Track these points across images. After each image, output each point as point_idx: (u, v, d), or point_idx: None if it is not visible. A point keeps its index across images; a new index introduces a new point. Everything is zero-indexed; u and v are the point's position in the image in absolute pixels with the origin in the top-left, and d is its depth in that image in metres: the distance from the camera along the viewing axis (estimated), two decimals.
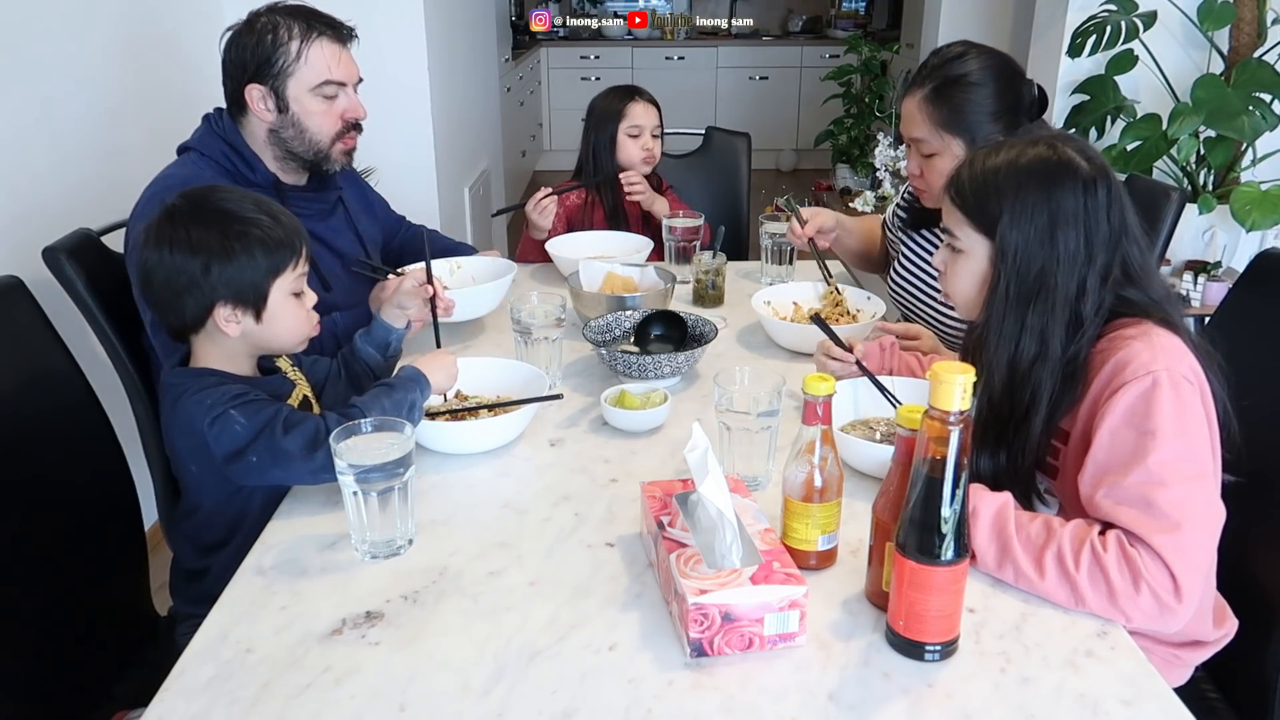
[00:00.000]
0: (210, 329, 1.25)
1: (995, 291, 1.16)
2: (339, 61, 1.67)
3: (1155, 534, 1.00)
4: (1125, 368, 1.07)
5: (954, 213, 1.20)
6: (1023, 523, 1.06)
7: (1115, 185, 1.14)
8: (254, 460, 1.18)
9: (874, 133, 5.01)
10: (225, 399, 1.20)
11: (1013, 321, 1.14)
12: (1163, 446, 1.02)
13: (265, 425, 1.19)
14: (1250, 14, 2.90)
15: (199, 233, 1.22)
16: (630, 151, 2.30)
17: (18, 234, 1.91)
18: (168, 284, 1.23)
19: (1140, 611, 0.99)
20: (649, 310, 1.67)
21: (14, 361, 1.30)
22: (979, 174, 1.18)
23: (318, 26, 1.65)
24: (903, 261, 1.89)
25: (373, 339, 1.49)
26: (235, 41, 1.65)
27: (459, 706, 0.89)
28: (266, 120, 1.66)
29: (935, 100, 1.60)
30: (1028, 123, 1.62)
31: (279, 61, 1.62)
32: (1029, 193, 1.13)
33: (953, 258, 1.22)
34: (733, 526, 0.98)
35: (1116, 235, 1.13)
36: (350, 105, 1.70)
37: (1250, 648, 1.22)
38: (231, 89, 1.67)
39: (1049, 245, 1.12)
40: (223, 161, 1.65)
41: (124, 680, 1.34)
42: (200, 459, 1.23)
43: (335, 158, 1.72)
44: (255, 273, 1.24)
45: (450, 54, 3.51)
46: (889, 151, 4.24)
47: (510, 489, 1.27)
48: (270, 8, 1.66)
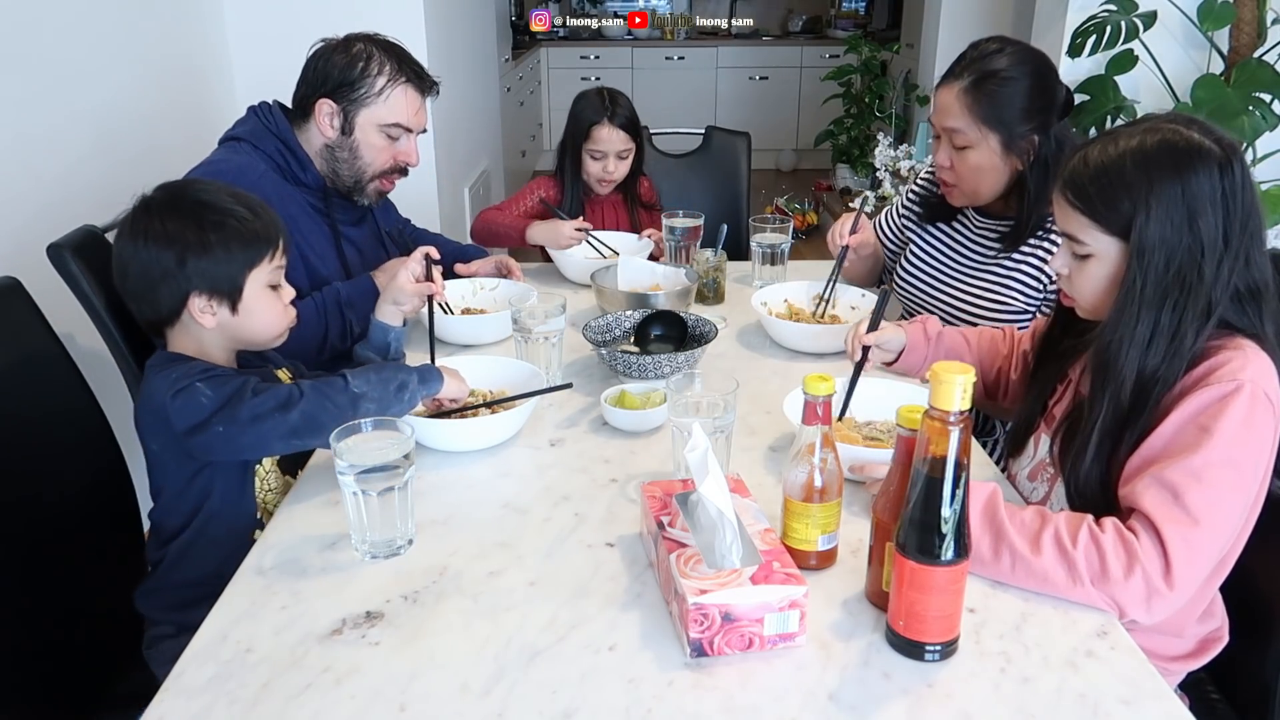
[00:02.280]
0: (185, 320, 1.25)
1: (1129, 291, 1.09)
2: (415, 110, 1.74)
3: (1169, 524, 1.00)
4: (1214, 371, 1.06)
5: (1076, 217, 1.13)
6: (1014, 510, 1.06)
7: (1247, 163, 1.09)
8: (219, 430, 1.16)
9: (874, 133, 5.01)
10: (193, 373, 1.20)
11: (1146, 324, 1.08)
12: (1215, 449, 1.02)
13: (233, 394, 1.17)
14: (1250, 14, 2.90)
15: (175, 224, 1.22)
16: (591, 170, 2.30)
17: (20, 232, 1.91)
18: (143, 276, 1.23)
19: (1129, 596, 0.99)
20: (648, 310, 1.67)
21: (12, 362, 1.30)
22: (1097, 171, 1.10)
23: (407, 71, 1.71)
24: (912, 257, 1.89)
25: (371, 344, 1.48)
26: (325, 55, 1.69)
27: (459, 706, 0.89)
28: (327, 135, 1.70)
29: (974, 92, 1.60)
30: (1057, 122, 1.62)
31: (361, 89, 1.67)
32: (1163, 185, 1.06)
33: (1078, 264, 1.16)
34: (733, 526, 0.98)
35: (1250, 216, 1.07)
36: (407, 150, 1.76)
37: (1250, 652, 1.22)
38: (303, 95, 1.70)
39: (1189, 236, 1.06)
40: (276, 157, 1.68)
41: (124, 680, 1.34)
42: (161, 436, 1.23)
43: (370, 193, 1.77)
44: (231, 265, 1.24)
45: (450, 54, 3.51)
46: (889, 151, 4.23)
47: (510, 489, 1.27)
48: (369, 37, 1.72)
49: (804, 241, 5.09)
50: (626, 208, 2.40)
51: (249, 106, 1.74)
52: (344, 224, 1.78)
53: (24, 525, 1.24)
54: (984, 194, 1.68)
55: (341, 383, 1.22)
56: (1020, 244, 1.68)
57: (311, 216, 1.72)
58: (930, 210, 1.86)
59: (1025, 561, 1.02)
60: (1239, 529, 1.09)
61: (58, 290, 1.46)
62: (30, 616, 1.23)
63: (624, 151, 2.28)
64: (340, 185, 1.75)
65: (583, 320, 1.68)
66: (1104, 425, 1.12)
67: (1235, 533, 1.08)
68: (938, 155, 1.69)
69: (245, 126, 1.71)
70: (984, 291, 1.71)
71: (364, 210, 1.83)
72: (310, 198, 1.72)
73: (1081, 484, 1.14)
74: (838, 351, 1.69)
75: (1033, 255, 1.67)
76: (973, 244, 1.79)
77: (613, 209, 2.39)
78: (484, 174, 4.15)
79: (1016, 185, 1.66)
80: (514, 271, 1.95)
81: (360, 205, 1.80)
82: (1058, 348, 1.30)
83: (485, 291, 1.90)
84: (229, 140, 1.71)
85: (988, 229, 1.76)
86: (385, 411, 1.23)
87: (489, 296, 1.89)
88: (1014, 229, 1.69)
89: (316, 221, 1.73)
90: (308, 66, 1.71)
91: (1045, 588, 1.02)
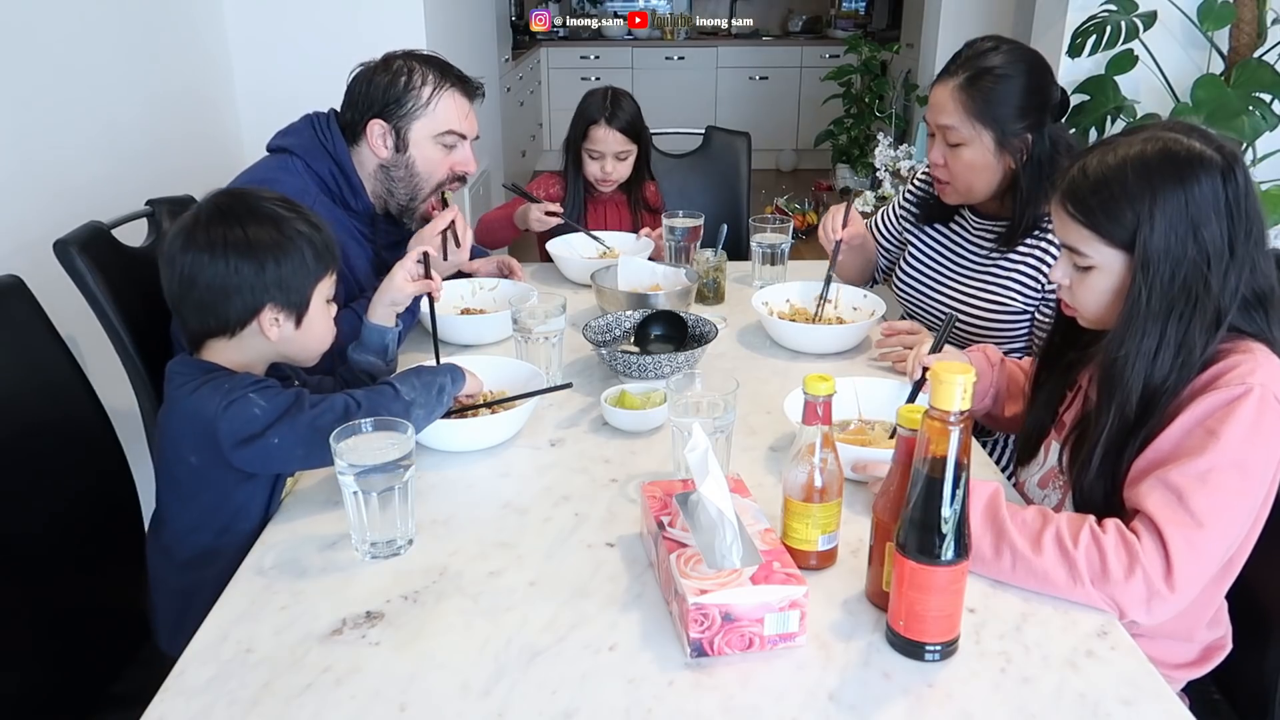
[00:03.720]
0: (247, 333, 1.22)
1: (1134, 304, 1.08)
2: (465, 115, 1.73)
3: (1172, 526, 1.00)
4: (1223, 374, 1.05)
5: (1077, 229, 1.12)
6: (1015, 509, 1.06)
7: (1248, 170, 1.08)
8: (275, 442, 1.14)
9: (874, 133, 5.01)
10: (244, 384, 1.18)
11: (1152, 336, 1.07)
12: (1222, 452, 1.02)
13: (289, 406, 1.16)
14: (1250, 14, 2.90)
15: (256, 231, 1.20)
16: (590, 169, 2.30)
17: (21, 232, 1.91)
18: (215, 285, 1.19)
19: (1129, 597, 0.99)
20: (648, 310, 1.67)
21: (13, 361, 1.30)
22: (1098, 182, 1.09)
23: (450, 78, 1.71)
24: (911, 258, 1.89)
25: (368, 347, 1.47)
26: (367, 77, 1.68)
27: (459, 706, 0.89)
28: (381, 156, 1.69)
29: (969, 89, 1.60)
30: (1052, 122, 1.63)
31: (408, 104, 1.67)
32: (1166, 195, 1.05)
33: (1080, 276, 1.15)
34: (733, 526, 0.98)
35: (1254, 222, 1.06)
36: (464, 159, 1.75)
37: (1251, 653, 1.22)
38: (352, 119, 1.69)
39: (1193, 246, 1.05)
40: (328, 180, 1.67)
41: (124, 680, 1.34)
42: (205, 449, 1.18)
43: (419, 216, 1.75)
44: (305, 276, 1.23)
45: (450, 54, 3.49)
46: (889, 151, 4.23)
47: (510, 489, 1.27)
48: (407, 53, 1.72)
49: (804, 241, 5.09)
50: (630, 209, 2.39)
51: (305, 115, 1.70)
52: (387, 246, 1.77)
53: (24, 523, 1.24)
54: (977, 192, 1.68)
55: (392, 391, 1.23)
56: (1016, 244, 1.68)
57: (359, 241, 1.71)
58: (928, 211, 1.86)
59: (1026, 561, 1.02)
60: (1246, 532, 1.09)
61: (59, 291, 1.46)
62: (30, 615, 1.23)
63: (621, 153, 2.28)
64: (394, 206, 1.73)
65: (583, 320, 1.68)
66: (1109, 437, 1.11)
67: (1241, 536, 1.08)
68: (932, 153, 1.70)
69: (299, 139, 1.67)
70: (982, 292, 1.71)
71: (404, 234, 1.80)
72: (358, 223, 1.71)
73: (1087, 493, 1.14)
74: (838, 352, 1.70)
75: (1030, 255, 1.67)
76: (970, 245, 1.79)
77: (615, 209, 2.38)
78: (484, 174, 4.15)
79: (1011, 185, 1.66)
80: (515, 271, 1.95)
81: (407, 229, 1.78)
82: (1061, 359, 1.29)
83: (485, 291, 1.90)
84: (279, 151, 1.68)
85: (985, 230, 1.76)
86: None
87: (489, 296, 1.89)
88: (1009, 229, 1.69)
89: (363, 247, 1.72)
90: (350, 90, 1.69)
91: (1046, 587, 1.02)
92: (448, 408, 1.29)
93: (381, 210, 1.75)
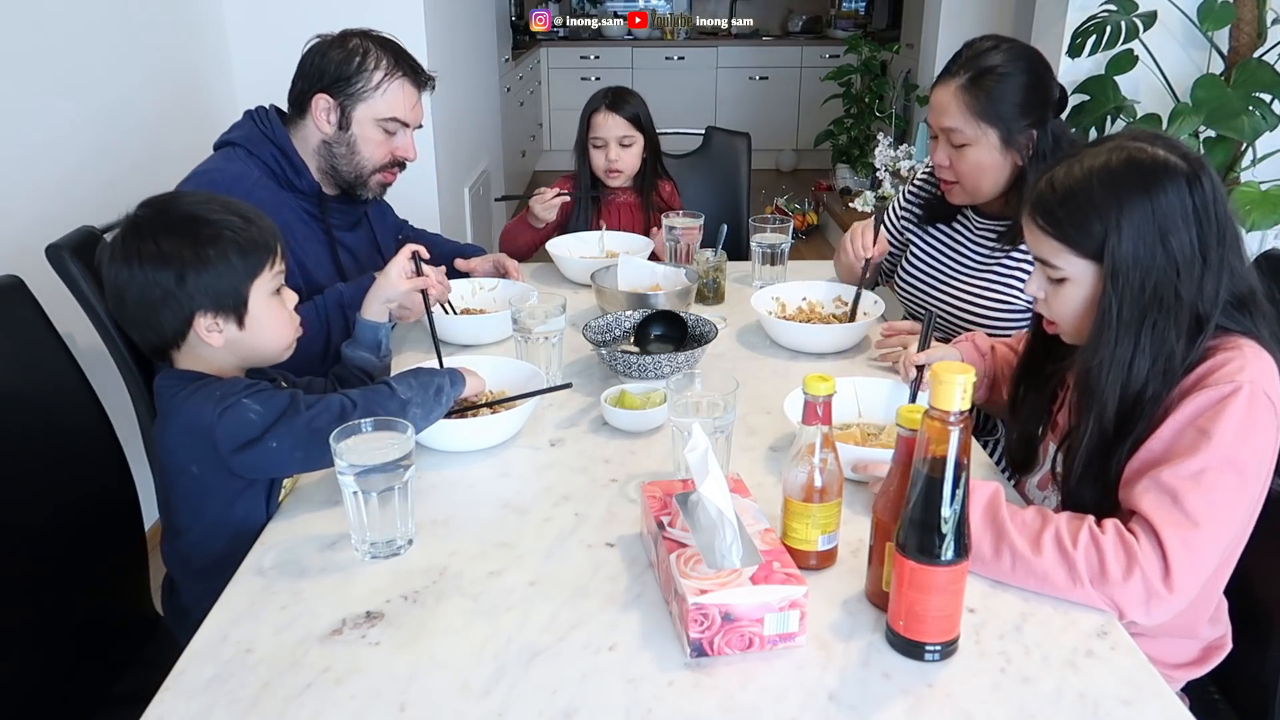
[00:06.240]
0: (192, 342, 1.21)
1: (1105, 314, 1.08)
2: (412, 105, 1.74)
3: (1168, 527, 1.00)
4: (1212, 373, 1.06)
5: (1047, 241, 1.12)
6: (1015, 510, 1.06)
7: (1216, 176, 1.08)
8: (273, 446, 1.14)
9: (874, 133, 5.01)
10: (237, 389, 1.17)
11: (1126, 345, 1.07)
12: (1214, 451, 1.02)
13: (285, 408, 1.16)
14: (1250, 14, 2.90)
15: (169, 242, 1.17)
16: (596, 161, 2.30)
17: (22, 234, 1.91)
18: (142, 300, 1.18)
19: (1128, 597, 0.99)
20: (648, 310, 1.67)
21: (14, 361, 1.30)
22: (1065, 193, 1.09)
23: (403, 66, 1.71)
24: (913, 258, 1.89)
25: (362, 343, 1.47)
26: (322, 50, 1.69)
27: (459, 706, 0.89)
28: (323, 131, 1.70)
29: (971, 89, 1.60)
30: (1054, 118, 1.63)
31: (358, 83, 1.67)
32: (1132, 204, 1.05)
33: (1054, 288, 1.15)
34: (733, 526, 0.98)
35: (1225, 227, 1.07)
36: (404, 146, 1.76)
37: (1251, 652, 1.22)
38: (300, 91, 1.70)
39: (1162, 254, 1.05)
40: (270, 164, 1.68)
41: (124, 680, 1.34)
42: (205, 458, 1.18)
43: (372, 187, 1.77)
44: (233, 277, 1.20)
45: (450, 54, 3.51)
46: (889, 151, 4.24)
47: (510, 489, 1.27)
48: (365, 33, 1.72)
49: (804, 241, 5.09)
50: (643, 209, 2.36)
51: (246, 111, 1.73)
52: (339, 229, 1.78)
53: (24, 522, 1.24)
54: (985, 191, 1.68)
55: (388, 390, 1.23)
56: (1019, 242, 1.68)
57: (306, 223, 1.72)
58: (930, 211, 1.86)
59: (1026, 561, 1.02)
60: (1241, 529, 1.09)
61: (59, 291, 1.46)
62: (31, 615, 1.23)
63: (625, 139, 2.26)
64: (341, 181, 1.74)
65: (583, 320, 1.68)
66: (1090, 445, 1.12)
67: (1236, 534, 1.08)
68: (936, 155, 1.69)
69: (240, 131, 1.70)
70: (985, 291, 1.71)
71: (359, 215, 1.83)
72: (305, 204, 1.72)
73: (1074, 497, 1.15)
74: (838, 351, 1.70)
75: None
76: (973, 244, 1.79)
77: (629, 211, 2.36)
78: (484, 174, 4.15)
79: (1015, 183, 1.66)
80: (510, 270, 1.95)
81: (362, 202, 1.80)
82: (1042, 372, 1.29)
83: (485, 291, 1.90)
84: (223, 145, 1.70)
85: (987, 229, 1.76)
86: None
87: (489, 296, 1.89)
88: (1011, 227, 1.69)
89: (312, 228, 1.73)
90: (304, 61, 1.70)
91: (1045, 588, 1.02)
92: (447, 410, 1.28)
93: (329, 189, 1.76)
